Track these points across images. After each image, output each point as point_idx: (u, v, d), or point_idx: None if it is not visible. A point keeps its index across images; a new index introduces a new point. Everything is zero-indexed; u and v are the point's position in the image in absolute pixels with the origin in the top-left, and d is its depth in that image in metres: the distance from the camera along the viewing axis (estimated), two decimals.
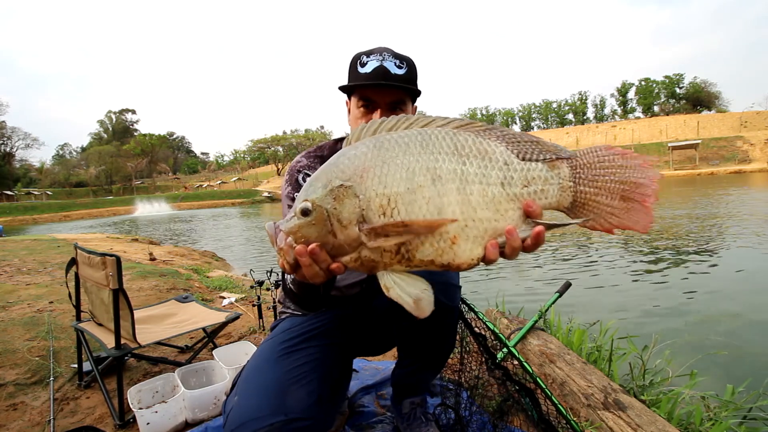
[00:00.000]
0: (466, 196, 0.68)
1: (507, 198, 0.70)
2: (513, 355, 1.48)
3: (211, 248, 10.11)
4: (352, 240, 0.67)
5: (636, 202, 0.71)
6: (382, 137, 0.72)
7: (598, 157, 0.73)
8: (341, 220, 0.67)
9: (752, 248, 6.49)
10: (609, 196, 0.72)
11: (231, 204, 42.74)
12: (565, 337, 2.41)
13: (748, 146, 40.09)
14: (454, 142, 0.72)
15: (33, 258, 6.54)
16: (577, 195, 0.73)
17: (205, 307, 2.50)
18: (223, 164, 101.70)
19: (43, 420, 1.82)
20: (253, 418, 0.88)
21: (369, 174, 0.68)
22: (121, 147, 73.92)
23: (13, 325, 2.91)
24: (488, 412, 1.55)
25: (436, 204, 0.67)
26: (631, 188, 0.71)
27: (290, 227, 0.68)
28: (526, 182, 0.72)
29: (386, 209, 0.67)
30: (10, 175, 61.06)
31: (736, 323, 3.64)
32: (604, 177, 0.72)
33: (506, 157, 0.72)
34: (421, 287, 0.67)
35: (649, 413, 1.54)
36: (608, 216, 0.72)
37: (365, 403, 1.72)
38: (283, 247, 0.69)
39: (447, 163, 0.70)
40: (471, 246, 0.68)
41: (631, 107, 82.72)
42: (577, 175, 0.73)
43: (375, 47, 1.19)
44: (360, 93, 1.16)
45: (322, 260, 0.67)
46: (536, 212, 0.70)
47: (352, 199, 0.67)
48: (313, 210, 0.67)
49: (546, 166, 0.73)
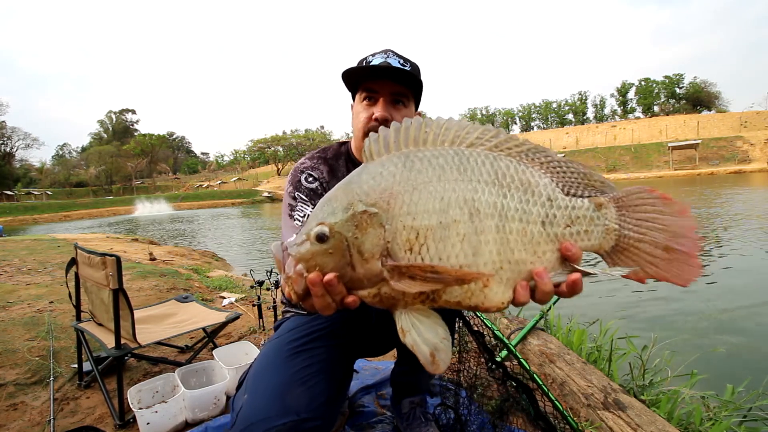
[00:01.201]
0: (504, 234, 0.61)
1: (547, 239, 0.63)
2: (513, 355, 1.48)
3: (211, 248, 10.12)
4: (373, 275, 0.59)
5: (681, 253, 0.64)
6: (412, 154, 0.63)
7: (643, 200, 0.67)
8: (363, 252, 0.59)
9: (752, 248, 6.50)
10: (652, 244, 0.65)
11: (231, 204, 42.74)
12: (565, 337, 2.41)
13: (748, 146, 40.09)
14: (495, 168, 0.64)
15: (33, 258, 6.54)
16: (621, 239, 0.66)
17: (205, 307, 2.50)
18: (223, 164, 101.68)
19: (43, 420, 1.82)
20: (264, 417, 0.89)
21: (397, 201, 0.60)
22: (121, 147, 73.91)
23: (13, 325, 2.91)
24: (488, 411, 1.56)
25: (472, 243, 0.60)
26: (674, 238, 0.64)
27: (303, 253, 0.60)
28: (570, 222, 0.65)
29: (414, 245, 0.59)
30: (10, 175, 61.06)
31: (736, 323, 3.64)
32: (647, 223, 0.66)
33: (550, 191, 0.65)
34: (440, 334, 0.60)
35: (649, 413, 1.54)
36: (647, 265, 0.65)
37: (365, 403, 1.72)
38: (292, 275, 0.60)
39: (487, 194, 0.62)
40: (503, 289, 0.61)
41: (631, 107, 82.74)
42: (622, 217, 0.66)
43: (380, 50, 1.23)
44: (364, 86, 1.19)
45: (337, 293, 0.60)
46: (575, 256, 0.63)
47: (377, 228, 0.59)
48: (330, 236, 0.59)
49: (593, 204, 0.66)
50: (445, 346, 0.59)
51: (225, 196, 49.01)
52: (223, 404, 1.83)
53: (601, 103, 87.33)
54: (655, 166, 41.33)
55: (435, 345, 0.59)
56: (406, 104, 1.20)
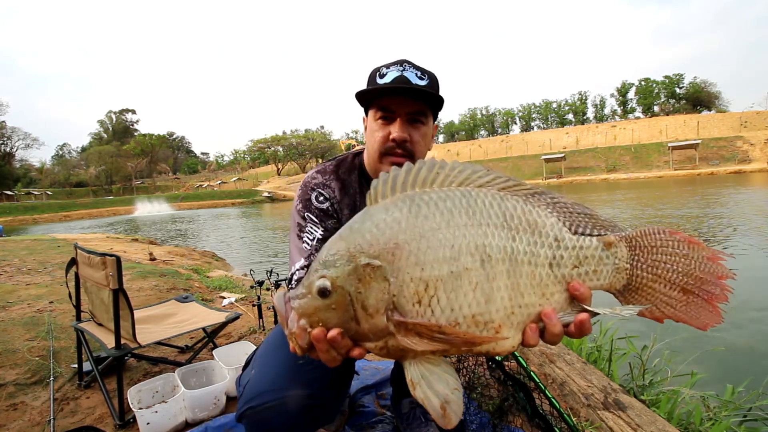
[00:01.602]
0: (515, 279, 0.59)
1: (555, 280, 0.62)
2: (512, 355, 1.48)
3: (211, 248, 10.12)
4: (378, 330, 0.57)
5: (699, 297, 0.63)
6: (418, 197, 0.60)
7: (661, 241, 0.65)
8: (367, 307, 0.57)
9: (752, 247, 6.50)
10: (668, 286, 0.64)
11: (231, 204, 42.74)
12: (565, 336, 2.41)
13: (748, 146, 40.09)
14: (503, 210, 0.62)
15: (33, 258, 6.54)
16: (633, 279, 0.65)
17: (205, 307, 2.50)
18: (223, 164, 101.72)
19: (43, 420, 1.82)
20: (270, 389, 0.92)
21: (404, 252, 0.57)
22: (121, 147, 73.88)
23: (13, 325, 2.91)
24: (488, 412, 1.56)
25: (485, 291, 0.58)
26: (695, 282, 0.63)
27: (304, 308, 0.58)
28: (578, 262, 0.63)
29: (423, 297, 0.57)
30: (10, 175, 61.07)
31: (736, 323, 3.64)
32: (665, 264, 0.64)
33: (557, 231, 0.64)
34: (451, 385, 0.58)
35: (649, 413, 1.54)
36: (663, 306, 0.64)
37: (365, 403, 1.72)
38: (295, 331, 0.59)
39: (497, 239, 0.60)
40: (513, 333, 0.60)
41: (631, 107, 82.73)
42: (635, 256, 0.65)
43: (395, 60, 1.13)
44: (378, 104, 1.10)
45: (342, 347, 0.59)
46: (584, 295, 0.62)
47: (381, 282, 0.56)
48: (333, 291, 0.57)
49: (601, 243, 0.64)
50: (456, 397, 0.57)
51: (225, 196, 49.02)
52: (223, 404, 1.83)
53: (601, 103, 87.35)
54: (655, 166, 41.34)
55: (446, 397, 0.57)
56: (425, 122, 1.11)
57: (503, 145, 63.77)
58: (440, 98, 1.10)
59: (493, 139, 75.34)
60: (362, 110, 1.21)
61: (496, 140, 70.30)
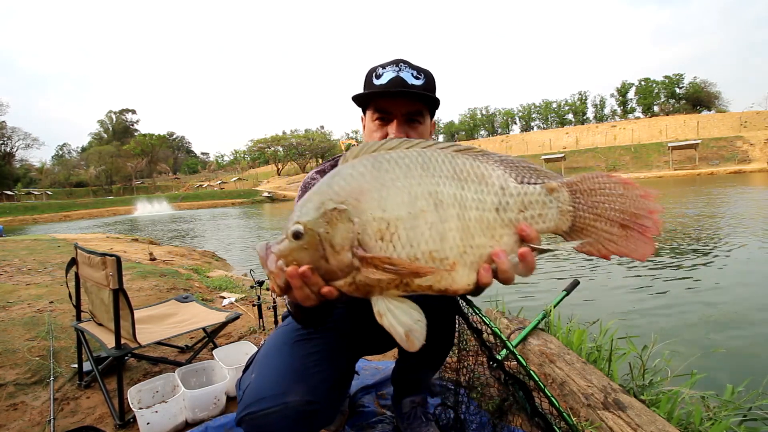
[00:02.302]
0: (465, 222, 0.67)
1: (502, 224, 0.69)
2: (511, 353, 1.48)
3: (211, 248, 10.11)
4: (345, 266, 0.64)
5: (635, 231, 0.71)
6: (381, 156, 0.70)
7: (599, 184, 0.73)
8: (334, 245, 0.64)
9: (752, 247, 6.50)
10: (608, 223, 0.72)
11: (231, 204, 42.74)
12: (565, 336, 2.41)
13: (748, 146, 40.09)
14: (453, 165, 0.71)
15: (33, 258, 6.54)
16: (576, 220, 0.73)
17: (205, 307, 2.50)
18: (223, 164, 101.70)
19: (44, 420, 1.82)
20: (270, 395, 0.92)
21: (366, 197, 0.65)
22: (121, 147, 73.89)
23: (13, 325, 2.91)
24: (488, 411, 1.56)
25: (439, 230, 0.66)
26: (630, 218, 0.71)
27: (281, 250, 0.66)
28: (523, 207, 0.71)
29: (385, 234, 0.64)
30: (10, 175, 61.06)
31: (736, 323, 3.64)
32: (603, 204, 0.72)
33: (503, 181, 0.72)
34: (414, 317, 0.65)
35: (649, 413, 1.54)
36: (606, 242, 0.72)
37: (365, 403, 1.72)
38: (273, 270, 0.66)
39: (447, 187, 0.68)
40: (468, 272, 0.67)
41: (631, 107, 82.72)
42: (576, 200, 0.73)
43: (391, 59, 1.14)
44: (375, 105, 1.12)
45: (314, 284, 0.65)
46: (530, 236, 0.69)
47: (346, 223, 0.64)
48: (304, 233, 0.64)
49: (544, 190, 0.72)
50: (420, 327, 0.64)
51: (225, 196, 49.01)
52: (223, 404, 1.83)
53: (601, 103, 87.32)
54: (655, 166, 41.34)
55: (409, 326, 0.64)
56: (422, 121, 1.13)
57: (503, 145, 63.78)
58: (436, 100, 1.12)
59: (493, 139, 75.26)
60: (361, 111, 1.22)
61: (496, 140, 70.28)
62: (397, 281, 0.64)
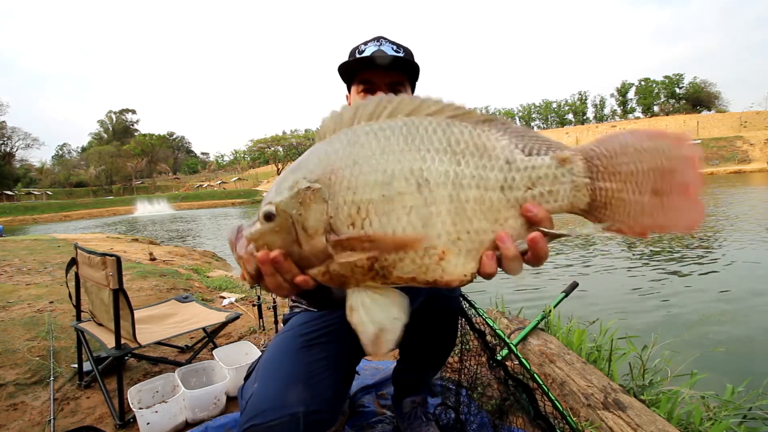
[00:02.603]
0: (460, 204, 0.57)
1: (507, 204, 0.58)
2: (514, 355, 1.48)
3: (211, 248, 10.12)
4: (318, 251, 0.58)
5: (674, 194, 0.56)
6: (358, 129, 0.61)
7: (619, 144, 0.58)
8: (307, 228, 0.57)
9: (752, 247, 6.50)
10: (637, 190, 0.57)
11: (231, 204, 42.77)
12: (565, 336, 2.41)
13: (748, 146, 40.13)
14: (447, 135, 0.60)
15: (33, 258, 6.54)
16: (596, 193, 0.59)
17: (205, 307, 2.50)
18: (223, 164, 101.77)
19: (44, 420, 1.82)
20: (273, 406, 0.91)
21: (338, 175, 0.58)
22: (121, 147, 74.01)
23: (13, 325, 2.91)
24: (488, 411, 1.56)
25: (421, 215, 0.56)
26: (664, 177, 0.56)
27: (252, 234, 0.60)
28: (531, 184, 0.59)
29: (356, 219, 0.56)
30: (10, 175, 61.08)
31: (736, 323, 3.64)
32: (627, 168, 0.57)
33: (508, 153, 0.59)
34: (392, 314, 0.57)
35: (649, 413, 1.54)
36: (639, 216, 0.57)
37: (365, 403, 1.72)
38: (243, 255, 0.60)
39: (437, 163, 0.58)
40: (463, 261, 0.57)
41: (631, 107, 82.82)
42: (593, 168, 0.59)
43: (372, 37, 1.24)
44: (360, 77, 1.19)
45: (286, 271, 0.60)
46: (537, 217, 0.58)
47: (320, 204, 0.57)
48: (277, 215, 0.58)
49: (555, 161, 0.59)
50: (394, 326, 0.56)
51: (225, 196, 49.05)
52: (224, 404, 1.83)
53: (601, 103, 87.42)
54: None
55: (382, 325, 0.56)
56: (404, 91, 1.19)
57: None
58: (416, 66, 1.20)
59: None
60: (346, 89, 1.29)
61: None
62: (373, 268, 0.56)
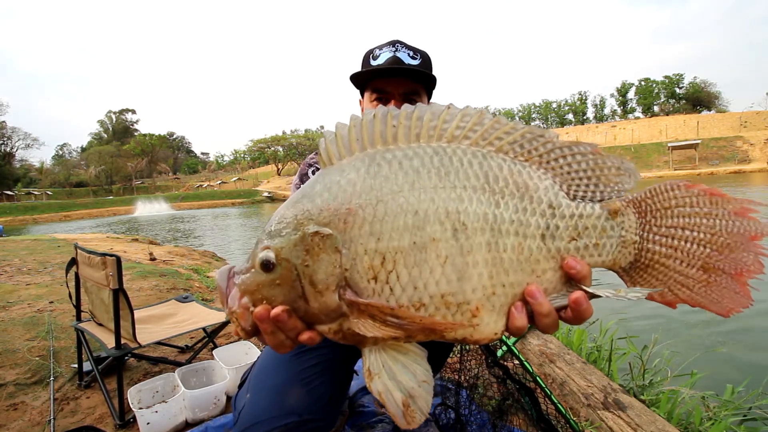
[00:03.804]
0: (498, 253, 0.49)
1: (548, 255, 0.51)
2: (512, 354, 1.48)
3: (211, 248, 10.11)
4: (329, 310, 0.49)
5: (724, 274, 0.50)
6: (379, 155, 0.51)
7: (677, 200, 0.51)
8: (315, 283, 0.48)
9: None
10: (686, 262, 0.51)
11: (231, 204, 42.76)
12: (565, 337, 2.41)
13: (748, 146, 40.12)
14: (484, 169, 0.51)
15: (33, 258, 6.54)
16: (642, 254, 0.53)
17: (206, 307, 2.50)
18: (223, 164, 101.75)
19: (44, 420, 1.82)
20: (266, 418, 0.89)
21: (357, 218, 0.49)
22: (121, 147, 74.03)
23: (13, 325, 2.91)
24: (488, 411, 1.56)
25: (457, 266, 0.48)
26: (720, 252, 0.50)
27: (247, 285, 0.50)
28: (576, 234, 0.52)
29: (379, 272, 0.48)
30: (10, 175, 61.09)
31: (736, 323, 3.64)
32: (681, 230, 0.51)
33: (552, 196, 0.52)
34: (419, 376, 0.49)
35: (649, 413, 1.54)
36: (677, 287, 0.52)
37: (365, 403, 1.72)
38: (235, 310, 0.50)
39: (476, 203, 0.50)
40: (496, 318, 0.50)
41: (631, 107, 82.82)
42: (645, 225, 0.52)
43: (388, 41, 1.17)
44: (373, 85, 1.13)
45: (290, 329, 0.51)
46: (580, 274, 0.51)
47: (332, 254, 0.48)
48: (277, 264, 0.49)
49: (605, 211, 0.53)
50: (424, 391, 0.49)
51: (225, 196, 49.04)
52: (223, 404, 1.83)
53: (601, 103, 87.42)
54: (655, 166, 41.34)
55: (411, 390, 0.48)
56: (419, 101, 1.13)
57: None
58: (433, 77, 1.13)
59: None
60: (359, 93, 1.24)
61: None
62: (392, 334, 0.49)
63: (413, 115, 0.53)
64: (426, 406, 0.49)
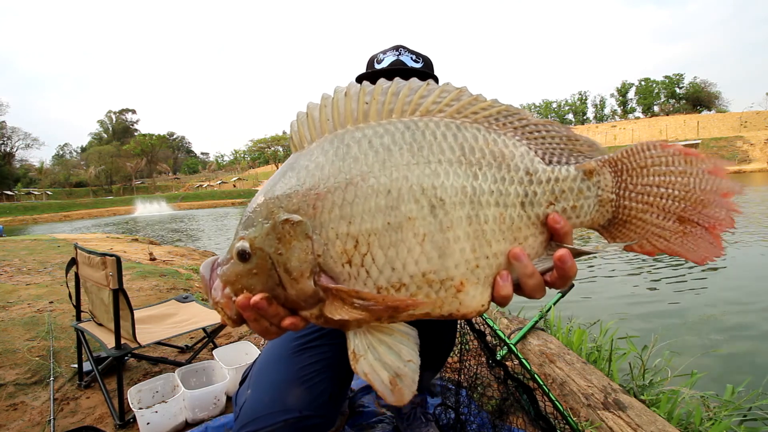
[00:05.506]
0: (479, 226, 0.49)
1: (528, 222, 0.52)
2: (513, 354, 1.48)
3: (211, 248, 10.12)
4: (307, 296, 0.49)
5: (698, 226, 0.53)
6: (349, 135, 0.50)
7: (652, 159, 0.53)
8: (290, 270, 0.48)
9: (753, 248, 6.50)
10: (662, 215, 0.53)
11: (231, 204, 42.79)
12: (565, 337, 2.41)
13: (748, 146, 40.17)
14: (459, 141, 0.51)
15: (33, 258, 6.54)
16: (620, 210, 0.54)
17: (206, 306, 2.49)
18: (223, 164, 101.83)
19: (44, 420, 1.82)
20: (267, 413, 0.90)
21: (326, 203, 0.48)
22: (121, 147, 74.14)
23: (13, 325, 2.91)
24: (488, 411, 1.56)
25: (437, 243, 0.48)
26: (694, 207, 0.52)
27: (227, 275, 0.52)
28: (554, 198, 0.53)
29: (353, 256, 0.48)
30: (10, 175, 61.13)
31: (736, 323, 3.64)
32: (656, 189, 0.53)
33: (528, 162, 0.53)
34: (405, 356, 0.49)
35: (649, 413, 1.54)
36: (654, 238, 0.54)
37: (365, 403, 1.72)
38: (219, 300, 0.52)
39: (453, 177, 0.49)
40: (481, 290, 0.50)
41: (631, 107, 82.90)
42: (621, 183, 0.54)
43: (391, 45, 1.21)
44: None
45: (272, 315, 0.52)
46: (563, 230, 0.53)
47: (303, 241, 0.48)
48: (252, 254, 0.49)
49: (580, 173, 0.54)
50: (410, 370, 0.49)
51: (225, 196, 49.08)
52: (223, 404, 1.83)
53: (601, 103, 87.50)
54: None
55: (397, 370, 0.49)
56: None
57: None
58: (435, 79, 1.16)
59: None
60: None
61: None
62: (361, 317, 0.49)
63: (389, 90, 0.52)
64: (413, 383, 0.49)
